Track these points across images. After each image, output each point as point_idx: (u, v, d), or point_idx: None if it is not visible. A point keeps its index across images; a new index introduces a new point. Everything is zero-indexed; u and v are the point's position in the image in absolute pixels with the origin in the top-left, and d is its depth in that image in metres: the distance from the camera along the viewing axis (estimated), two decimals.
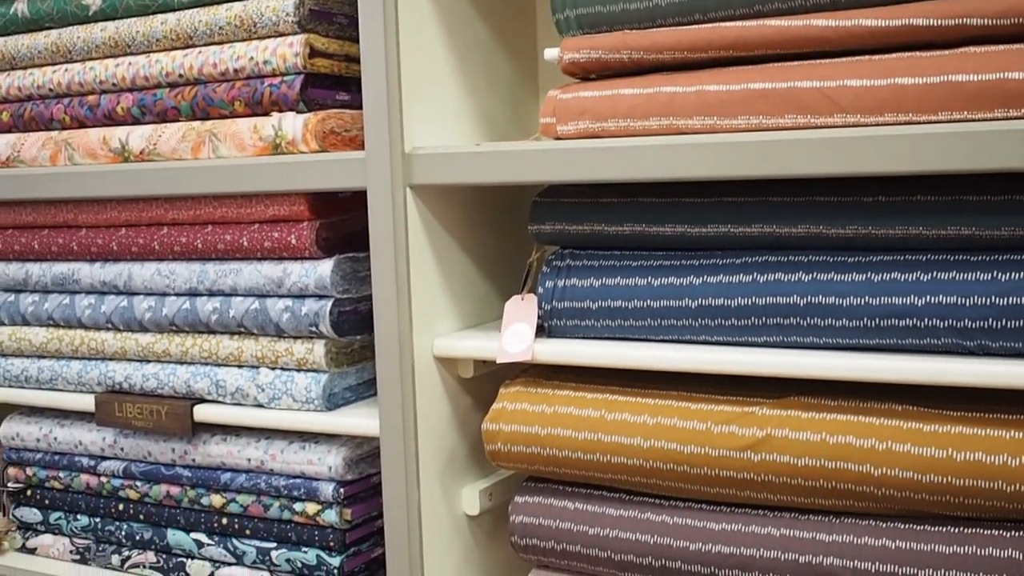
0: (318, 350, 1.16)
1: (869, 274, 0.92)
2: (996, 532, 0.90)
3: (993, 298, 0.88)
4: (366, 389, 1.21)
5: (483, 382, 1.15)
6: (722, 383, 1.01)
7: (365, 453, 1.20)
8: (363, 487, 1.20)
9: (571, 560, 1.05)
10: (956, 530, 0.91)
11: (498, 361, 1.04)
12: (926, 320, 0.90)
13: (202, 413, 1.22)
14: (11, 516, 1.42)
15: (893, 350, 0.92)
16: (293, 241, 1.15)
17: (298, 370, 1.18)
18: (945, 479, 0.89)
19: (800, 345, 0.96)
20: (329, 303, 1.14)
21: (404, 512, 1.08)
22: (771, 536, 0.97)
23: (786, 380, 0.99)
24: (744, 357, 0.96)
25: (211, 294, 1.22)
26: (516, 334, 1.05)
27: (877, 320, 0.92)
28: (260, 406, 1.20)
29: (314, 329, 1.15)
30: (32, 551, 1.41)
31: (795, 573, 0.95)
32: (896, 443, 0.91)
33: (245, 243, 1.17)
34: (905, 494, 0.91)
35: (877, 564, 0.92)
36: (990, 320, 0.88)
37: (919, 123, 0.87)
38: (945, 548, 0.91)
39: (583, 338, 1.05)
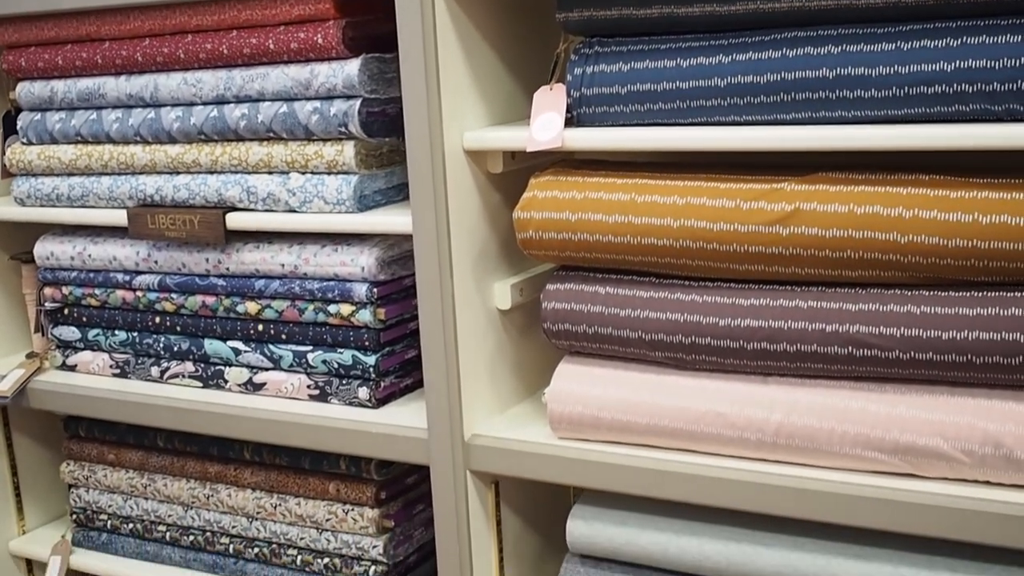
0: (348, 151, 1.17)
1: (899, 43, 0.93)
2: (1020, 293, 0.93)
3: (1023, 60, 0.88)
4: (396, 193, 1.23)
5: (512, 178, 1.16)
6: (751, 166, 1.03)
7: (397, 255, 1.22)
8: (395, 288, 1.23)
9: (603, 343, 1.08)
10: (980, 293, 0.94)
11: (528, 149, 1.05)
12: (955, 86, 0.91)
13: (234, 220, 1.24)
14: (50, 335, 1.46)
15: (922, 120, 0.93)
16: (320, 41, 1.15)
17: (328, 173, 1.19)
18: (971, 243, 0.91)
19: (830, 120, 0.97)
20: (358, 103, 1.15)
21: (439, 306, 1.11)
22: (799, 308, 0.99)
23: (815, 161, 1.00)
24: (774, 133, 0.97)
25: (239, 100, 1.22)
26: (545, 123, 1.06)
27: (906, 88, 0.92)
28: (292, 211, 1.21)
29: (343, 130, 1.16)
30: (72, 368, 1.44)
31: (822, 342, 0.98)
32: (923, 210, 0.93)
33: (271, 46, 1.17)
34: (931, 260, 0.93)
35: (903, 329, 0.95)
36: (1019, 83, 0.88)
37: None
38: (969, 310, 0.93)
39: (612, 125, 1.06)
